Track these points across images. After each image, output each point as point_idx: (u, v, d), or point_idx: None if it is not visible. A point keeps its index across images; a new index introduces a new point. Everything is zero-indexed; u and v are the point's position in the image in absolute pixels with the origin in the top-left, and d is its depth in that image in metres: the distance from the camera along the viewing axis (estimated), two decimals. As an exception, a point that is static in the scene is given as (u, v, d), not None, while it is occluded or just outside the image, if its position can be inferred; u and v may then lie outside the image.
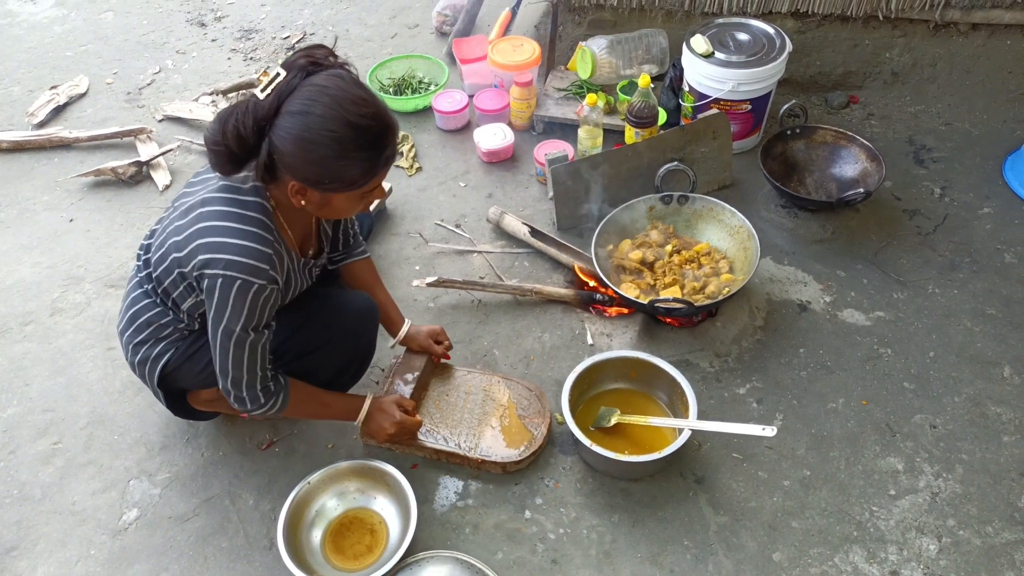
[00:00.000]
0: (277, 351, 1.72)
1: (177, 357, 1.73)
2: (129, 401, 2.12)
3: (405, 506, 1.79)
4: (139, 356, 1.74)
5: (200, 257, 1.49)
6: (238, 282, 1.47)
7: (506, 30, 3.13)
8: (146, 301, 1.71)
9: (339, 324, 1.79)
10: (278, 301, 1.57)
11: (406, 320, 2.05)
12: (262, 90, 1.39)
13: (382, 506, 1.86)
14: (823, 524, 1.83)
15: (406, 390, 1.97)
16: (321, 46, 1.44)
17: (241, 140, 1.41)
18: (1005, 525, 1.82)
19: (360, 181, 1.44)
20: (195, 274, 1.51)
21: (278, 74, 1.39)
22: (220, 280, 1.47)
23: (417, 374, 2.02)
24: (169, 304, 1.67)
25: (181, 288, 1.61)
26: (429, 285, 2.25)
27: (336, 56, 1.45)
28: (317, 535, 1.82)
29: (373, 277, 2.02)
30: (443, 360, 2.12)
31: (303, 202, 1.47)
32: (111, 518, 1.90)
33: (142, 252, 1.73)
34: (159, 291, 1.66)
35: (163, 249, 1.59)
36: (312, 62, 1.40)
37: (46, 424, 2.08)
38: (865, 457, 1.95)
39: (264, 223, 1.51)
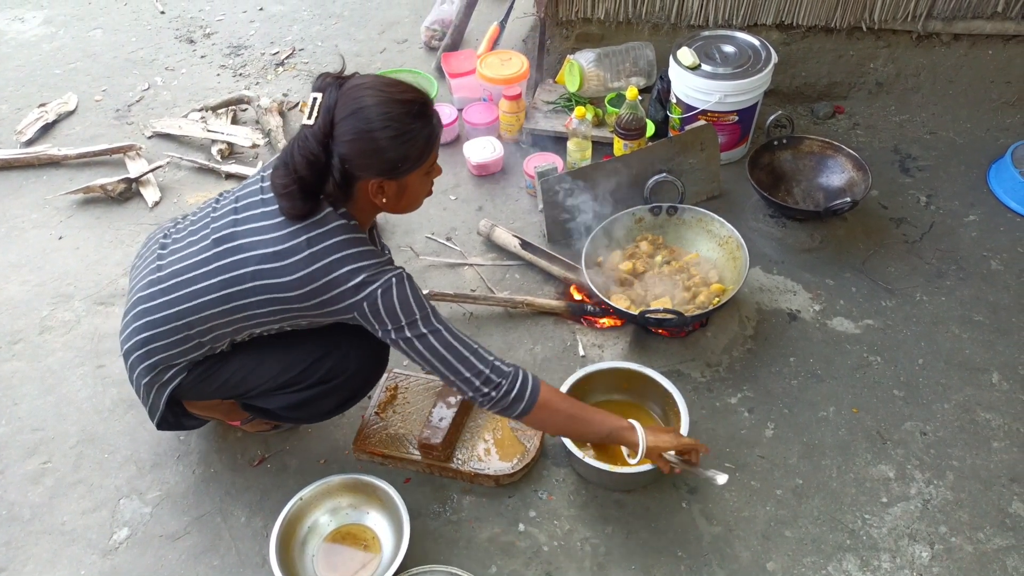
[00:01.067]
0: (299, 376, 1.73)
1: (191, 381, 1.72)
2: (119, 419, 2.11)
3: (398, 521, 1.78)
4: (147, 379, 1.71)
5: (340, 289, 1.52)
6: (392, 279, 1.53)
7: (494, 44, 3.16)
8: (163, 328, 1.65)
9: (360, 353, 1.79)
10: None
11: None
12: (308, 116, 1.47)
13: (375, 521, 1.85)
14: (816, 533, 1.84)
15: (448, 413, 1.94)
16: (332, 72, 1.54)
17: (312, 164, 1.48)
18: (996, 531, 1.83)
19: (425, 153, 1.53)
20: (342, 304, 1.54)
21: (315, 98, 1.47)
22: (380, 291, 1.52)
23: (460, 397, 1.97)
24: (205, 335, 1.65)
25: (271, 318, 1.61)
26: (420, 299, 2.25)
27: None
28: (310, 551, 1.81)
29: None
30: None
31: (383, 199, 1.55)
32: (101, 537, 1.88)
33: (158, 281, 1.67)
34: (193, 325, 1.63)
35: (245, 286, 1.56)
36: (337, 77, 1.50)
37: (35, 443, 2.07)
38: (857, 465, 1.96)
39: (361, 238, 1.58)
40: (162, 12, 3.70)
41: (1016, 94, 2.89)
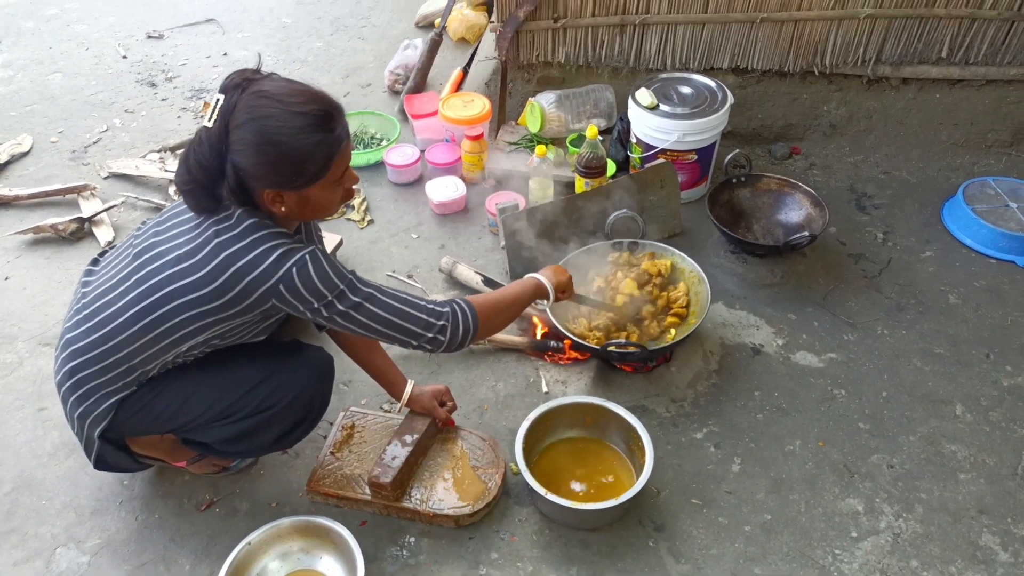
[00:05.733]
0: (234, 406, 1.65)
1: (125, 415, 1.64)
2: (59, 464, 2.00)
3: (352, 565, 1.70)
4: (79, 411, 1.64)
5: (251, 277, 1.47)
6: (306, 256, 1.48)
7: (459, 88, 3.18)
8: (90, 354, 1.60)
9: (298, 380, 1.72)
10: None
11: (409, 380, 1.98)
12: (208, 119, 1.42)
13: (328, 566, 1.76)
14: (786, 570, 1.79)
15: (402, 452, 1.86)
16: (247, 69, 1.47)
17: (206, 170, 1.44)
18: (968, 564, 1.80)
19: (323, 168, 1.45)
20: (258, 293, 1.48)
21: (218, 99, 1.42)
22: (295, 268, 1.46)
23: (417, 437, 1.90)
24: (133, 357, 1.58)
25: (191, 329, 1.54)
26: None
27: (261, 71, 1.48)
28: (258, 600, 1.71)
29: (369, 340, 1.95)
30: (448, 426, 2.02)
31: (283, 208, 1.49)
32: (33, 591, 1.76)
33: (82, 309, 1.63)
34: (119, 348, 1.57)
35: (161, 292, 1.51)
36: (245, 78, 1.44)
37: (-34, 491, 1.95)
38: (825, 499, 1.92)
39: (267, 224, 1.52)
40: (124, 57, 3.69)
41: (964, 136, 2.98)
